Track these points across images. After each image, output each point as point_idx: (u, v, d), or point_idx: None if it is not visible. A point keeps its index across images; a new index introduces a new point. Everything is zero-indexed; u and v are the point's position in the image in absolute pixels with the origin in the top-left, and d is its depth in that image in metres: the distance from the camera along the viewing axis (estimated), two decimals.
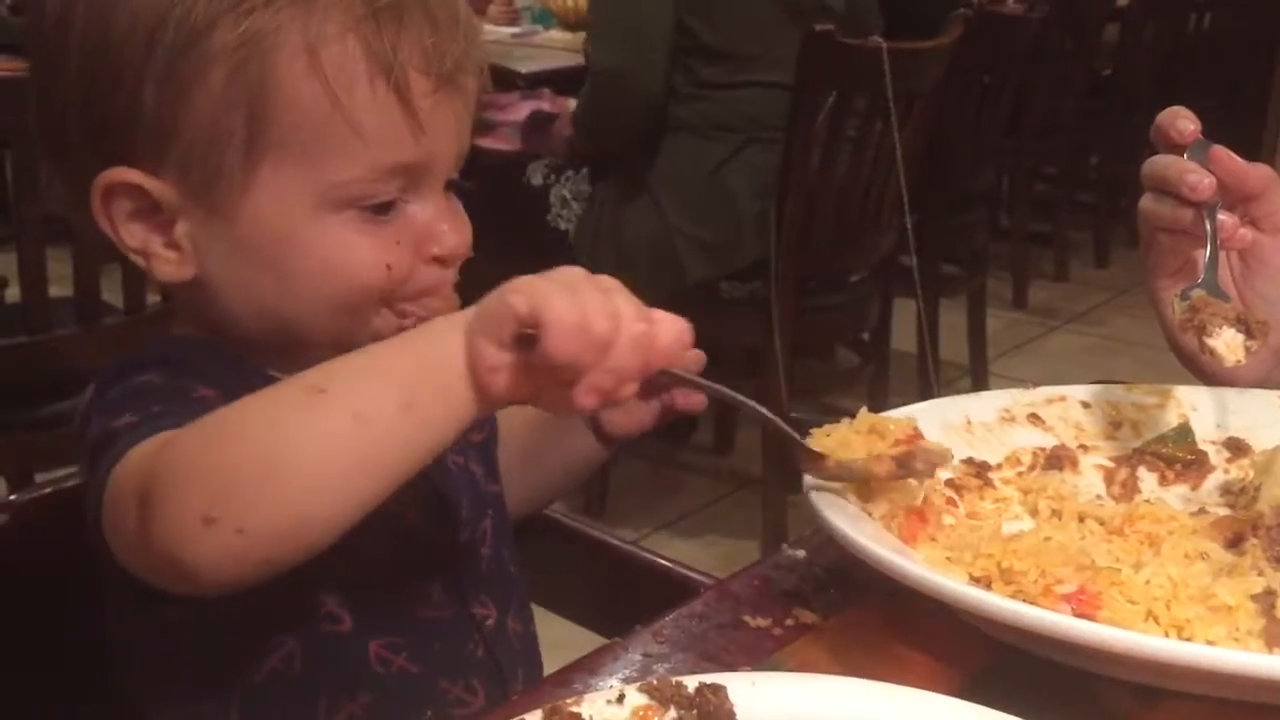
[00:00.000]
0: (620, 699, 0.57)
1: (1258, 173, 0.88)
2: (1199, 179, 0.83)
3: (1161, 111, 0.89)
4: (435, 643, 0.79)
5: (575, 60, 3.13)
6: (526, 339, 0.59)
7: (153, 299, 2.03)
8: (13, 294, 1.91)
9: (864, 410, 0.76)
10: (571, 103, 2.58)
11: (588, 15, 2.47)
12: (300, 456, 0.60)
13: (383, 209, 0.72)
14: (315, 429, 0.60)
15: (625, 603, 0.88)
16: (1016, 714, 0.57)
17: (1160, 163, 0.87)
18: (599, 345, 0.58)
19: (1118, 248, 4.40)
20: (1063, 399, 0.86)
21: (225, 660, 0.74)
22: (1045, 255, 4.28)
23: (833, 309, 2.58)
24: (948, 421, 0.82)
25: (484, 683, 0.82)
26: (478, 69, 0.74)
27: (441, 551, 0.81)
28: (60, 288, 1.88)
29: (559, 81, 2.81)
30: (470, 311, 0.62)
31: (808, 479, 0.72)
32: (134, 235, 0.72)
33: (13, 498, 0.86)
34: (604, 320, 0.59)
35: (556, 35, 3.55)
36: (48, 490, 0.87)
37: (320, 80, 0.68)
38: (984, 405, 0.85)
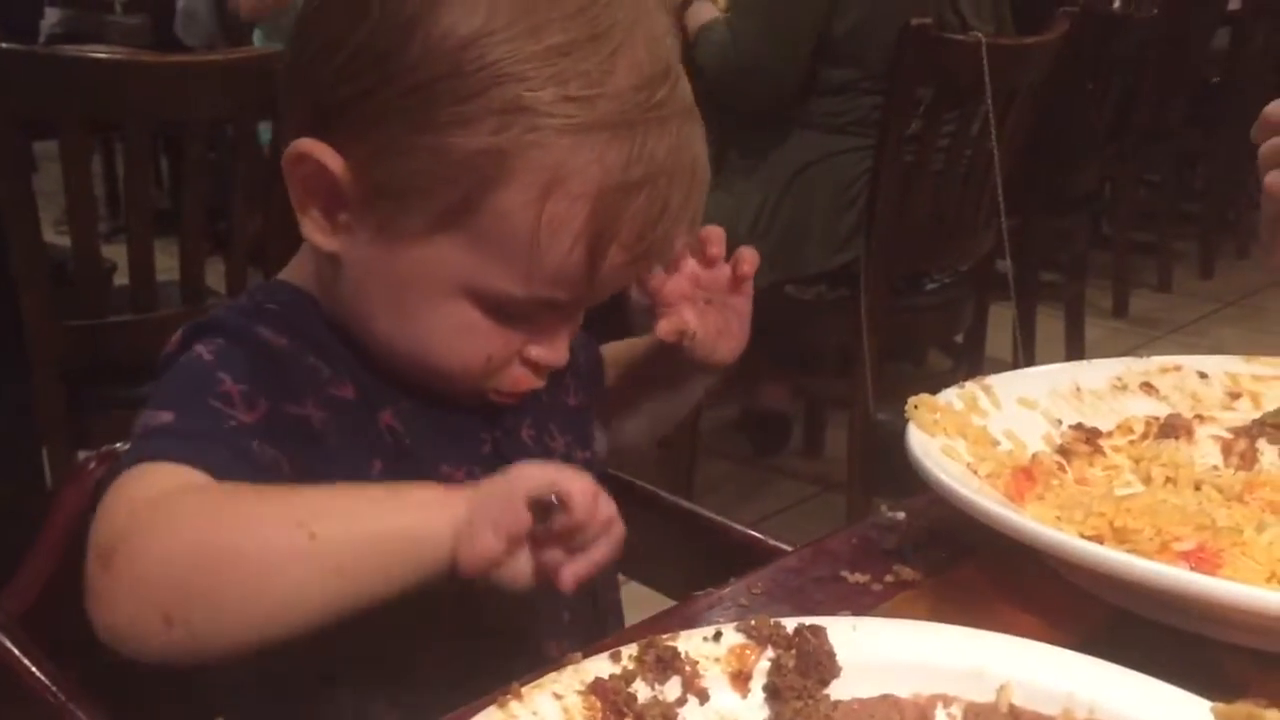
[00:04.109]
0: (717, 636, 0.56)
1: None
2: None
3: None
4: (531, 607, 0.80)
5: None
6: (544, 506, 0.62)
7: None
8: (121, 281, 1.98)
9: None
10: None
11: None
12: (274, 591, 0.62)
13: (512, 315, 0.73)
14: (295, 573, 0.62)
15: (716, 575, 0.87)
16: None
17: None
18: (605, 521, 0.64)
19: (1224, 259, 4.26)
20: (1178, 368, 0.83)
21: None
22: (1147, 265, 4.18)
23: (925, 309, 2.54)
24: (1056, 388, 0.80)
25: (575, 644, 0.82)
26: (674, 251, 0.76)
27: None
28: (166, 279, 1.93)
29: None
30: (464, 499, 0.64)
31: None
32: (302, 192, 0.73)
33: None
34: (609, 503, 0.64)
35: None
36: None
37: (534, 215, 0.68)
38: (1095, 373, 0.82)
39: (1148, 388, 0.82)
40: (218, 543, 0.63)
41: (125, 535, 0.63)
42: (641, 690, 0.53)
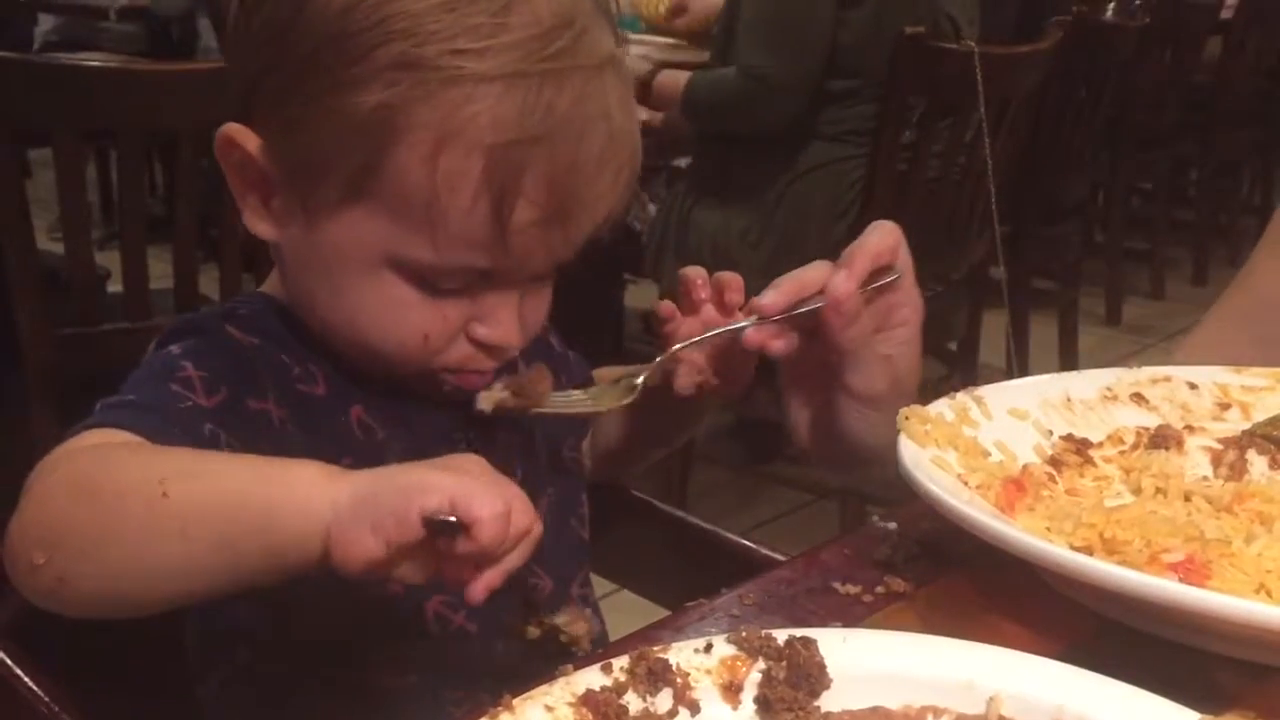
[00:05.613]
0: (708, 648, 0.56)
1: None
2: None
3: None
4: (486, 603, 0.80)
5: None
6: (440, 526, 0.58)
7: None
8: (115, 288, 1.98)
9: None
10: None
11: (745, 11, 2.34)
12: (125, 542, 0.62)
13: (442, 289, 0.72)
14: (144, 526, 0.61)
15: (708, 584, 0.87)
16: None
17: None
18: (518, 535, 0.60)
19: (1217, 266, 4.28)
20: (1168, 379, 0.83)
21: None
22: (1140, 272, 4.19)
23: None
24: (1046, 398, 0.80)
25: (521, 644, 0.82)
26: (602, 214, 0.72)
27: None
28: (160, 285, 1.93)
29: None
30: (350, 486, 0.60)
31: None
32: (238, 181, 0.74)
33: None
34: (524, 515, 0.60)
35: (646, 39, 3.57)
36: None
37: (430, 172, 0.67)
38: (1086, 383, 0.82)
39: (1138, 398, 0.82)
40: (84, 483, 0.63)
41: (30, 482, 0.64)
42: (633, 702, 0.53)
